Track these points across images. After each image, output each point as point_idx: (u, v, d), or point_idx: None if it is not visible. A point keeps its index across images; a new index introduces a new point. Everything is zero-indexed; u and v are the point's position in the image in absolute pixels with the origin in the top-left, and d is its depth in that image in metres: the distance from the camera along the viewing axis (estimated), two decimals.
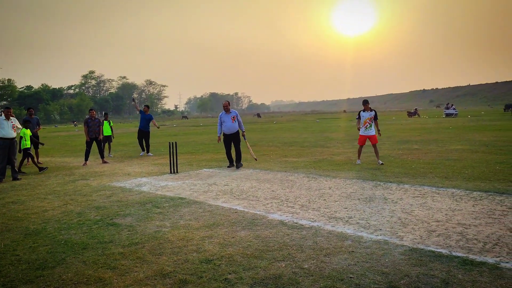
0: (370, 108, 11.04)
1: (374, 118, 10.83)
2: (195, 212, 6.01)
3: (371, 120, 10.79)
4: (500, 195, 6.41)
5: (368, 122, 10.79)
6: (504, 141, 15.41)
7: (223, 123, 10.91)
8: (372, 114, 10.87)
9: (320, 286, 3.38)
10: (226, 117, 10.92)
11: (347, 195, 6.83)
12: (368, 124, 10.80)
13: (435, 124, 32.57)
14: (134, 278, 3.72)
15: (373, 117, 10.82)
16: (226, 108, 10.95)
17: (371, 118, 10.81)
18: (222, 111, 11.10)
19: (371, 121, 10.79)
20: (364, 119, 10.87)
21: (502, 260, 3.78)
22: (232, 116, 10.92)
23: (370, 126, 10.80)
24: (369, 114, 10.87)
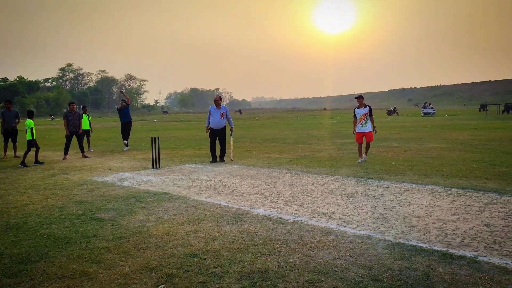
0: (365, 104, 10.75)
1: (369, 113, 10.57)
2: (179, 207, 6.01)
3: (365, 116, 10.56)
4: (477, 192, 6.59)
5: (363, 119, 10.58)
6: (480, 140, 15.80)
7: (211, 116, 11.01)
8: (366, 110, 10.60)
9: (306, 279, 3.44)
10: (215, 111, 10.98)
11: (329, 191, 6.92)
12: (363, 121, 10.57)
13: (414, 122, 33.13)
14: (119, 272, 3.71)
15: (367, 113, 10.57)
16: (217, 102, 11.03)
17: (366, 114, 10.56)
18: (213, 105, 11.20)
19: (366, 117, 10.56)
20: (359, 116, 10.64)
21: (480, 254, 3.90)
22: (222, 112, 10.96)
23: (365, 123, 10.56)
24: (363, 110, 10.60)
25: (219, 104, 11.05)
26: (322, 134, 21.90)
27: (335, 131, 23.75)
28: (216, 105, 11.03)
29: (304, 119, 48.68)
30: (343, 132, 22.97)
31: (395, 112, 57.46)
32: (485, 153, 11.59)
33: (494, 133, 19.02)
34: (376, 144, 15.15)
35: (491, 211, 5.43)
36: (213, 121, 10.95)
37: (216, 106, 11.02)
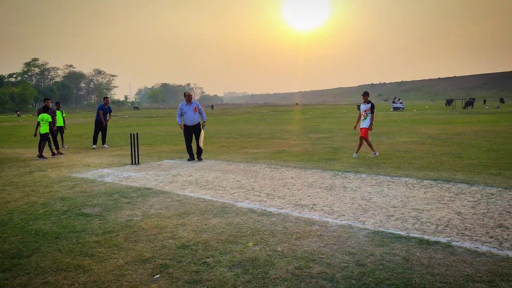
0: (369, 100, 10.97)
1: (370, 111, 10.73)
2: (164, 202, 6.13)
3: (366, 112, 10.75)
4: (447, 183, 6.97)
5: (363, 115, 10.79)
6: (447, 134, 16.45)
7: (184, 114, 10.58)
8: (368, 106, 10.79)
9: (295, 266, 3.65)
10: (187, 108, 10.57)
11: (309, 184, 7.16)
12: (363, 117, 10.81)
13: (384, 117, 33.95)
14: (114, 264, 3.83)
15: (368, 109, 10.74)
16: (189, 98, 10.65)
17: (366, 110, 10.75)
18: (183, 102, 10.73)
19: (366, 114, 10.75)
20: (362, 111, 10.89)
21: (453, 239, 4.21)
22: (194, 107, 10.60)
23: (364, 119, 10.77)
24: (365, 106, 10.82)
25: (190, 100, 10.67)
26: (296, 129, 22.23)
27: (309, 126, 24.15)
28: (187, 101, 10.63)
29: (277, 114, 49.08)
30: (316, 127, 23.39)
31: None
32: (452, 147, 12.12)
33: (460, 127, 19.79)
34: (350, 139, 15.56)
35: (461, 200, 5.78)
36: (187, 118, 10.54)
37: (187, 102, 10.64)
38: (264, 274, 3.50)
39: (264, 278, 3.43)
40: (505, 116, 30.32)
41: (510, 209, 5.25)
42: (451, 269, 3.48)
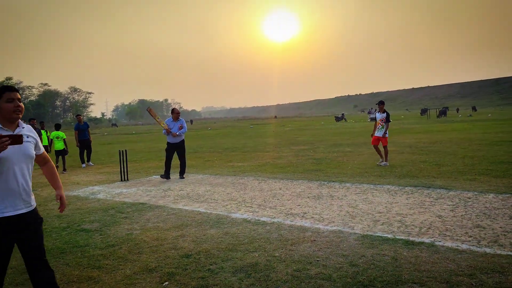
0: (385, 109, 11.30)
1: (386, 120, 11.10)
2: (160, 215, 6.35)
3: (382, 121, 11.13)
4: (427, 189, 7.39)
5: (380, 123, 11.17)
6: (424, 142, 17.07)
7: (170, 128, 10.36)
8: (384, 115, 11.18)
9: (293, 269, 3.94)
10: (173, 124, 10.35)
11: (297, 194, 7.49)
12: (380, 125, 11.17)
13: (362, 128, 34.72)
14: (122, 275, 4.05)
15: (384, 118, 11.12)
16: (177, 116, 10.36)
17: (382, 120, 11.14)
18: (169, 118, 10.50)
19: (383, 123, 11.13)
20: (377, 120, 11.29)
21: (436, 240, 4.58)
22: (180, 125, 10.35)
23: (382, 128, 11.13)
24: (381, 116, 11.22)
25: (178, 117, 10.39)
26: (278, 141, 22.61)
27: (290, 139, 24.57)
28: (175, 118, 10.36)
29: (257, 127, 49.51)
30: (297, 139, 23.82)
31: (343, 119, 59.62)
32: (430, 155, 12.66)
33: (436, 136, 20.52)
34: (331, 150, 16.00)
35: (441, 204, 6.19)
36: (170, 135, 10.25)
37: (174, 119, 10.36)
38: (266, 277, 3.78)
39: (267, 281, 3.71)
40: (478, 124, 31.42)
41: (486, 211, 5.66)
42: (436, 265, 3.83)
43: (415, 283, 3.48)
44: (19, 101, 2.91)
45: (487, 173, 8.74)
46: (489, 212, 5.60)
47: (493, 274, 3.57)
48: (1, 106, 2.87)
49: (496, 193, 6.76)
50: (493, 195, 6.63)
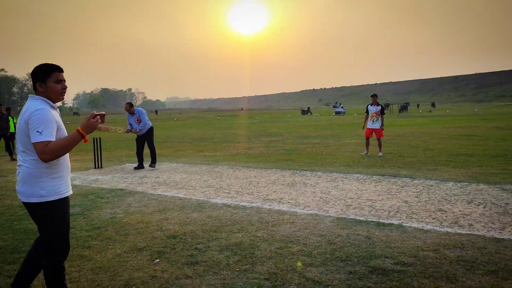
0: (378, 102, 11.56)
1: (380, 112, 11.37)
2: (141, 200, 6.52)
3: (377, 114, 11.35)
4: (393, 178, 7.89)
5: (375, 116, 11.37)
6: (388, 136, 17.76)
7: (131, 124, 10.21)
8: (378, 108, 11.41)
9: (276, 247, 4.26)
10: (131, 119, 10.18)
11: (272, 182, 7.81)
12: (375, 118, 11.38)
13: (327, 121, 35.55)
14: (113, 253, 4.24)
15: (379, 111, 11.36)
16: (128, 111, 10.10)
17: (377, 112, 11.36)
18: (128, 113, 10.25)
19: (378, 115, 11.36)
20: (371, 113, 11.46)
21: (403, 222, 5.01)
22: (137, 119, 10.08)
23: (377, 120, 11.36)
24: (375, 108, 11.44)
25: (131, 111, 10.07)
26: (247, 133, 22.91)
27: (259, 130, 24.92)
28: (130, 113, 10.13)
29: (224, 119, 49.61)
30: (266, 131, 24.19)
31: (309, 112, 60.56)
32: (394, 147, 13.29)
33: (399, 130, 21.38)
34: (300, 141, 16.45)
35: (407, 191, 6.67)
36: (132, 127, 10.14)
37: (130, 114, 10.15)
38: (251, 254, 4.08)
39: (252, 257, 4.00)
40: (437, 119, 32.81)
41: (446, 197, 6.17)
42: (404, 243, 4.24)
43: (387, 257, 3.87)
44: (64, 81, 2.90)
45: (446, 164, 9.35)
46: (449, 198, 6.11)
47: (455, 250, 4.01)
48: (49, 85, 2.82)
49: (455, 182, 7.31)
50: (452, 183, 7.18)
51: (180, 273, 3.69)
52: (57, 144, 2.70)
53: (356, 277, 3.47)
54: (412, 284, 3.31)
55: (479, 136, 16.37)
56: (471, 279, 3.36)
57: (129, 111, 10.08)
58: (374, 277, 3.46)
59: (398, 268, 3.61)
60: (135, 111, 10.09)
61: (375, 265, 3.69)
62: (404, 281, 3.37)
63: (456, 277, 3.41)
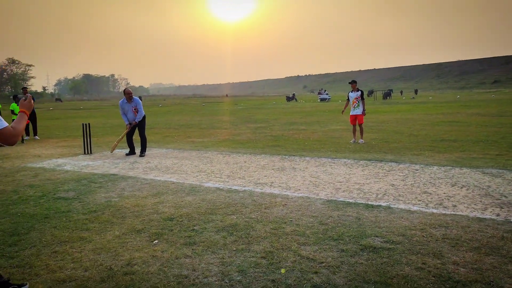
0: (357, 88, 11.56)
1: (361, 97, 11.31)
2: (134, 185, 6.62)
3: (357, 100, 11.33)
4: (379, 162, 8.11)
5: (356, 102, 11.35)
6: (373, 122, 18.07)
7: (126, 113, 10.03)
8: (358, 93, 11.37)
9: (271, 227, 4.42)
10: (128, 107, 9.94)
11: (262, 167, 7.97)
12: (356, 104, 11.35)
13: (313, 108, 35.78)
14: (112, 235, 4.36)
15: (359, 96, 11.32)
16: (129, 96, 9.85)
17: (358, 98, 11.33)
18: (123, 98, 9.98)
19: (358, 101, 11.32)
20: (352, 99, 11.46)
21: (391, 203, 5.22)
22: (134, 108, 9.91)
23: (358, 106, 11.32)
24: (355, 94, 11.40)
25: (131, 97, 9.86)
26: (233, 119, 22.98)
27: (245, 117, 25.01)
28: (128, 99, 9.86)
29: (209, 105, 49.48)
30: (252, 117, 24.30)
31: (294, 99, 60.72)
32: (379, 133, 13.56)
33: (383, 116, 21.71)
34: (286, 127, 16.62)
35: (393, 175, 6.90)
36: (128, 118, 10.03)
37: (128, 100, 9.88)
38: (247, 235, 4.24)
39: (248, 237, 4.17)
40: (419, 106, 33.30)
41: (431, 181, 6.41)
42: (393, 222, 4.45)
43: (377, 236, 4.07)
44: None
45: (430, 149, 9.63)
46: (434, 181, 6.35)
47: (440, 229, 4.23)
48: None
49: (439, 166, 7.58)
50: (436, 167, 7.43)
51: (180, 253, 3.83)
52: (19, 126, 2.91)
53: (348, 255, 3.66)
54: (401, 260, 3.51)
55: (461, 122, 16.78)
56: (456, 255, 3.58)
57: (130, 97, 9.85)
58: (365, 255, 3.65)
59: (387, 246, 3.81)
60: (133, 100, 9.93)
61: (366, 243, 3.89)
62: (393, 257, 3.57)
63: (442, 253, 3.63)
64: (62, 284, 3.28)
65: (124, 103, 9.96)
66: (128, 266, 3.57)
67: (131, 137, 10.15)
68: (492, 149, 9.44)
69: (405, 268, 3.37)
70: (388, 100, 51.28)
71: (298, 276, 3.30)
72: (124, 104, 9.97)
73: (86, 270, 3.51)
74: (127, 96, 9.87)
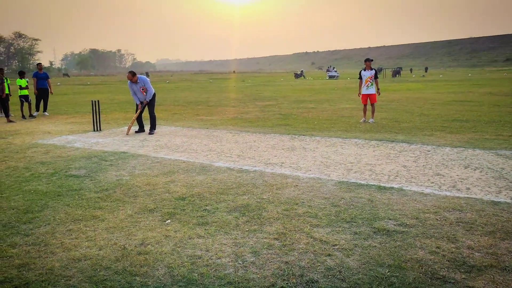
0: (371, 67, 11.29)
1: (374, 76, 11.05)
2: (145, 163, 6.63)
3: (371, 79, 11.04)
4: (391, 143, 8.05)
5: (369, 81, 11.05)
6: (383, 101, 17.85)
7: (135, 93, 9.98)
8: (372, 72, 11.07)
9: (282, 208, 4.42)
10: (136, 87, 9.89)
11: (271, 146, 7.94)
12: (369, 83, 11.05)
13: (322, 85, 35.46)
14: (125, 214, 4.38)
15: (373, 75, 11.04)
16: (131, 79, 9.77)
17: (372, 77, 11.04)
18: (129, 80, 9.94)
19: (372, 80, 11.05)
20: (365, 78, 11.11)
21: (403, 185, 5.19)
22: (142, 88, 9.84)
23: (371, 85, 11.05)
24: (369, 73, 11.08)
25: (134, 80, 9.77)
26: (241, 97, 22.85)
27: (253, 94, 24.86)
28: (134, 81, 9.79)
29: (217, 82, 49.22)
30: (260, 95, 24.14)
31: (302, 75, 60.20)
32: (389, 112, 13.43)
33: (393, 95, 21.47)
34: (295, 106, 16.51)
35: (405, 156, 6.84)
36: (136, 99, 10.01)
37: (134, 82, 9.81)
38: (259, 216, 4.24)
39: (260, 218, 4.17)
40: (430, 84, 32.89)
41: (444, 162, 6.35)
42: (406, 205, 4.42)
43: (390, 219, 4.05)
44: None
45: (442, 130, 9.53)
46: (446, 163, 6.29)
47: (454, 212, 4.20)
48: None
49: (452, 147, 7.50)
50: (449, 149, 7.36)
51: (192, 233, 3.85)
52: None
53: (362, 238, 3.65)
54: (415, 244, 3.50)
55: (473, 102, 16.55)
56: (470, 239, 3.56)
57: (132, 80, 9.76)
58: (379, 238, 3.64)
59: (400, 229, 3.80)
60: (138, 80, 9.81)
61: (379, 226, 3.87)
62: (407, 241, 3.56)
63: (456, 237, 3.61)
64: (77, 263, 3.31)
65: (131, 84, 9.91)
66: (142, 246, 3.59)
67: (141, 115, 10.13)
68: (506, 130, 9.33)
69: (419, 252, 3.35)
70: (398, 78, 50.67)
71: (311, 259, 3.30)
72: (131, 85, 9.91)
73: (101, 249, 3.54)
74: (130, 77, 9.78)
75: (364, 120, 11.36)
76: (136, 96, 10.00)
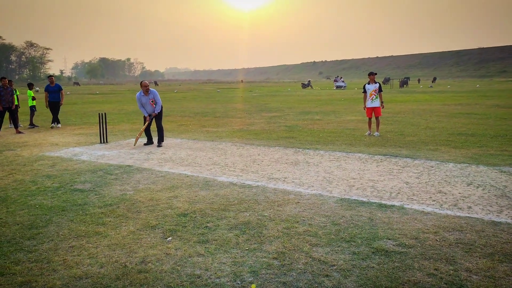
0: (375, 80, 11.36)
1: (378, 90, 11.12)
2: (149, 178, 6.70)
3: (376, 92, 11.11)
4: (394, 158, 8.06)
5: (374, 94, 11.13)
6: (389, 112, 17.88)
7: (143, 106, 10.07)
8: (376, 86, 11.14)
9: (283, 226, 4.45)
10: (145, 99, 9.96)
11: (275, 160, 7.98)
12: (374, 96, 11.13)
13: (328, 96, 35.51)
14: (127, 231, 4.44)
15: (377, 89, 11.11)
16: (146, 89, 9.85)
17: (376, 90, 11.11)
18: (140, 91, 10.01)
19: (376, 93, 11.11)
20: (369, 92, 11.21)
21: (404, 203, 5.20)
22: (151, 100, 9.94)
23: (376, 98, 11.12)
24: (373, 87, 11.17)
25: (147, 90, 9.87)
26: (247, 108, 22.95)
27: (259, 105, 24.95)
28: (145, 92, 9.86)
29: (224, 92, 49.44)
30: (266, 106, 24.23)
31: (309, 86, 60.27)
32: (395, 125, 13.43)
33: (400, 106, 21.46)
34: (301, 117, 16.56)
35: (407, 172, 6.85)
36: (145, 111, 10.09)
37: (145, 93, 9.88)
38: (259, 234, 4.28)
39: (260, 236, 4.20)
40: (437, 95, 32.80)
41: (447, 179, 6.35)
42: (406, 224, 4.44)
43: (389, 239, 4.07)
44: None
45: (447, 144, 9.52)
46: (449, 180, 6.29)
47: (454, 232, 4.21)
48: None
49: (455, 163, 7.49)
50: (452, 164, 7.35)
51: (193, 251, 3.89)
52: None
53: (360, 258, 3.67)
54: (413, 265, 3.51)
55: (480, 114, 16.50)
56: (469, 261, 3.56)
57: (147, 89, 9.85)
58: (377, 258, 3.66)
59: (399, 250, 3.81)
60: (150, 92, 9.92)
61: (378, 246, 3.89)
62: (405, 262, 3.58)
63: (455, 259, 3.61)
64: (78, 281, 3.37)
65: (141, 95, 9.95)
66: (142, 264, 3.64)
67: (149, 127, 10.20)
68: (511, 145, 9.29)
69: (417, 274, 3.37)
70: (405, 89, 50.57)
71: (310, 279, 3.32)
72: (141, 96, 9.96)
73: (102, 267, 3.59)
74: (144, 89, 9.85)
75: (369, 133, 11.36)
76: (143, 108, 10.10)
